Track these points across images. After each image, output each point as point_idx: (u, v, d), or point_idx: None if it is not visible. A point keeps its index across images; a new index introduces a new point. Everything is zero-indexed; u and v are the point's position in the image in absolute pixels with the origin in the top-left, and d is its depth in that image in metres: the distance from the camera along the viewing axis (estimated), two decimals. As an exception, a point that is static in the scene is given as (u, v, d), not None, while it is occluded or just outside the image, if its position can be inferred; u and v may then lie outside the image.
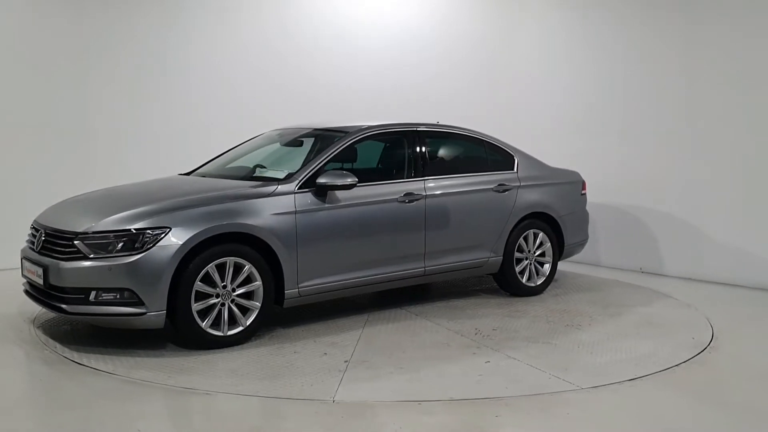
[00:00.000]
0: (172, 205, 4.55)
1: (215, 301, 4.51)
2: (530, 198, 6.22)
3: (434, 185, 5.64)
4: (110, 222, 4.41)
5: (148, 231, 4.33)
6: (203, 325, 4.46)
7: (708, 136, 6.86)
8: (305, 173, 5.03)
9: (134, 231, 4.34)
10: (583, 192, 6.78)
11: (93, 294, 4.30)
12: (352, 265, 5.16)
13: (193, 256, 4.41)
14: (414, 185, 5.53)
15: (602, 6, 7.70)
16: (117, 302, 4.30)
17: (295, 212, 4.83)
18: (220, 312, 4.54)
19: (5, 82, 7.14)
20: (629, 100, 7.47)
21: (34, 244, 4.78)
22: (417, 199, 5.47)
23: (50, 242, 4.57)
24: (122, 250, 4.30)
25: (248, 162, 5.80)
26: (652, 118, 7.28)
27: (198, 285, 4.42)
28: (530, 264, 6.22)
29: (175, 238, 4.34)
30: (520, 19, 8.57)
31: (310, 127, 5.96)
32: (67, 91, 7.41)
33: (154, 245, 4.30)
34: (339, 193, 5.09)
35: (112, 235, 4.33)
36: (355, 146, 5.48)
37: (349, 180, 5.00)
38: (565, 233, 6.45)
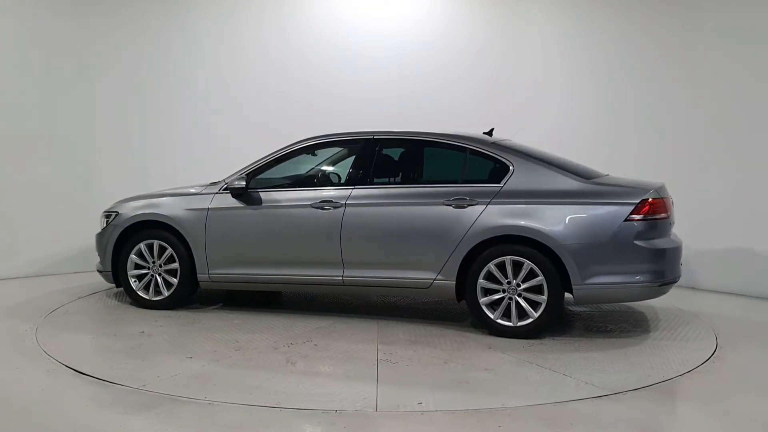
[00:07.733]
0: (129, 198, 6.19)
1: (146, 272, 5.95)
2: (506, 217, 5.08)
3: (361, 194, 5.43)
4: (111, 205, 6.35)
5: (110, 213, 6.11)
6: (135, 287, 5.97)
7: (708, 145, 7.06)
8: (230, 178, 5.82)
9: (106, 213, 6.19)
10: (632, 217, 4.92)
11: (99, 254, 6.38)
12: (260, 263, 5.64)
13: (133, 234, 5.96)
14: (337, 193, 5.50)
15: (604, 17, 7.84)
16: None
17: (208, 210, 5.75)
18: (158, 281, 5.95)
19: (8, 92, 7.32)
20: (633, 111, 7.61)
21: None
22: (336, 207, 5.43)
23: None
24: (105, 225, 6.20)
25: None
26: (652, 128, 7.46)
27: (133, 257, 5.95)
28: (510, 299, 5.08)
29: (118, 221, 6.00)
30: (523, 28, 8.36)
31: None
32: (70, 102, 7.67)
33: (109, 224, 6.07)
34: (259, 196, 5.66)
35: (108, 214, 6.28)
36: (304, 154, 5.82)
37: (237, 184, 5.59)
38: (571, 268, 4.92)
